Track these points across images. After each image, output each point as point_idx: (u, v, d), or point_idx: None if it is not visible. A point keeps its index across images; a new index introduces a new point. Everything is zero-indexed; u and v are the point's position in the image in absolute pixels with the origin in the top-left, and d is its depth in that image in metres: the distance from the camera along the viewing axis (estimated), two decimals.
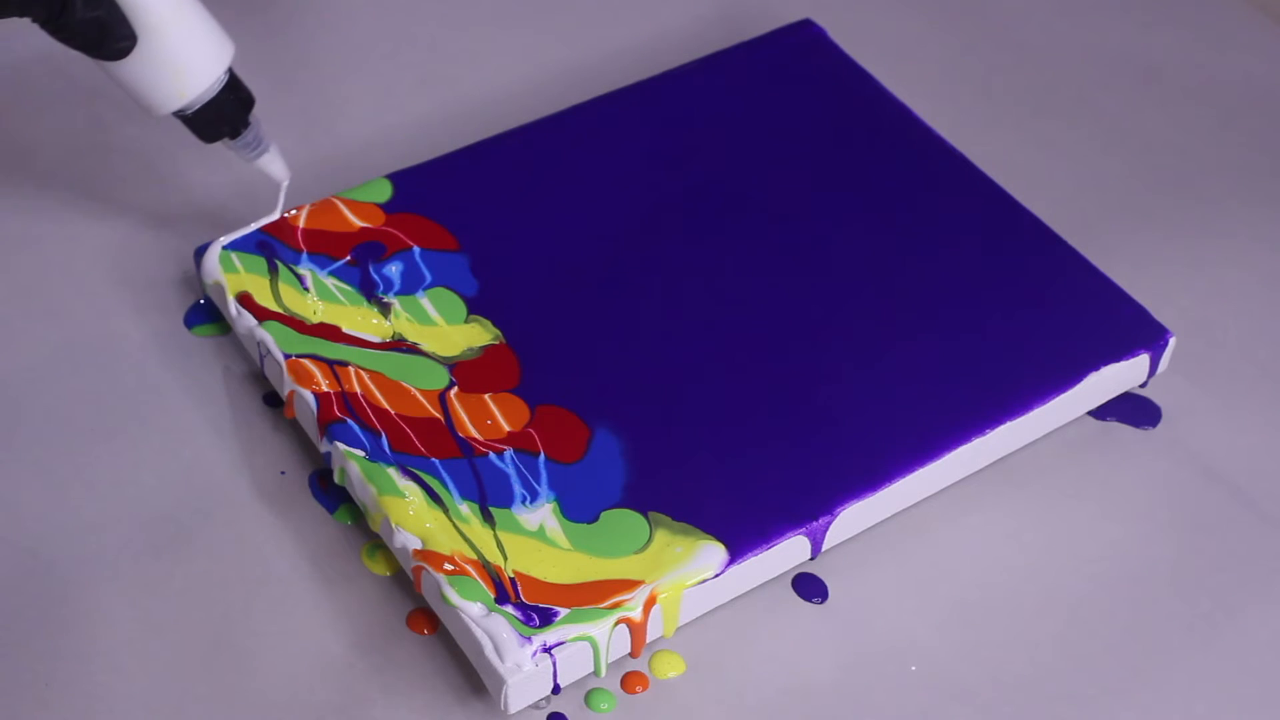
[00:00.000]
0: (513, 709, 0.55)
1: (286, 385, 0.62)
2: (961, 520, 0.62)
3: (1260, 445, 0.66)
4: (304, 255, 0.65)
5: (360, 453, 0.59)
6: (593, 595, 0.56)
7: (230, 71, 0.63)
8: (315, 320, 0.63)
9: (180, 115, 0.63)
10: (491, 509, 0.58)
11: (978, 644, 0.59)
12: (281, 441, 0.63)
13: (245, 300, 0.64)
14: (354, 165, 0.73)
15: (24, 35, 0.60)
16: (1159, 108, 0.79)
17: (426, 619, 0.59)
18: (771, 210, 0.68)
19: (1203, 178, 0.76)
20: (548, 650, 0.55)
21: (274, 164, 0.66)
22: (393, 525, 0.57)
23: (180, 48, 0.61)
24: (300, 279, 0.65)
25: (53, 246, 0.70)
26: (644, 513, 0.58)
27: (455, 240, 0.67)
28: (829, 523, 0.59)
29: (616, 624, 0.56)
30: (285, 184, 0.66)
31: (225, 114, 0.63)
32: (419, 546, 0.57)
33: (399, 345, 0.63)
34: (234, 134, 0.64)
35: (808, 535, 0.59)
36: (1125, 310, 0.65)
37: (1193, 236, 0.73)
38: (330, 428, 0.60)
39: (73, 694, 0.56)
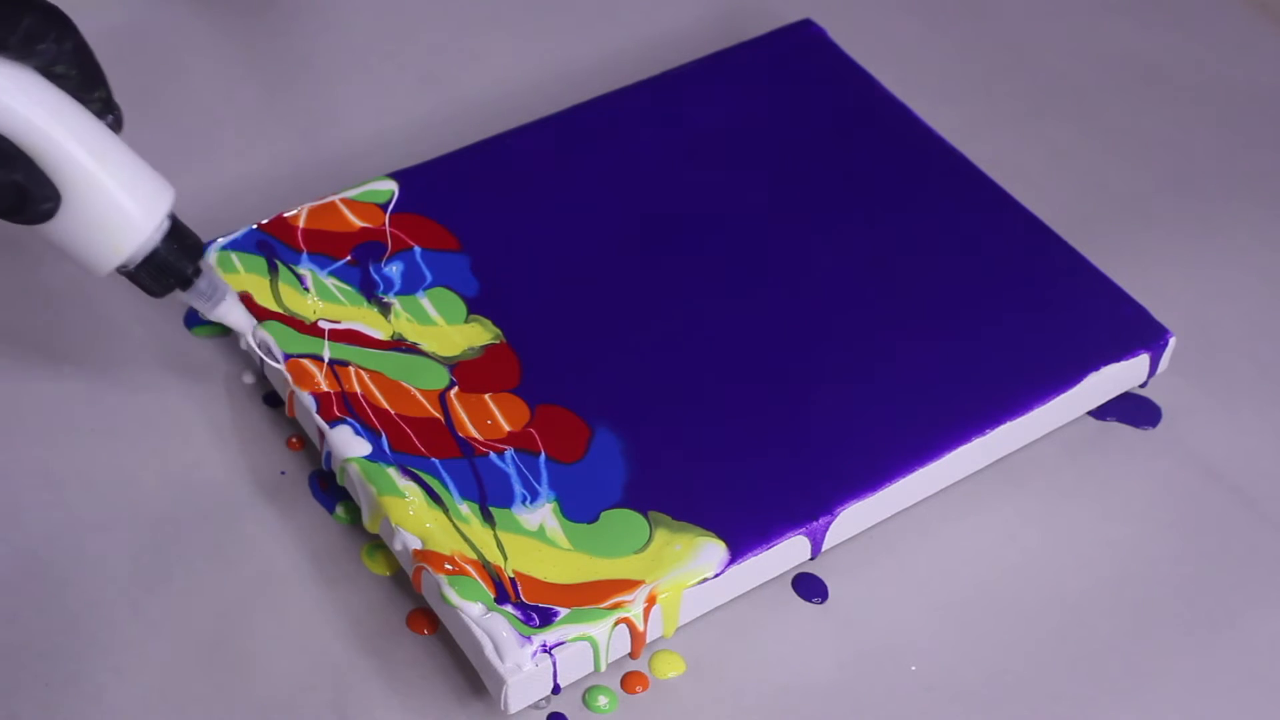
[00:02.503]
0: (513, 709, 0.55)
1: (287, 385, 0.62)
2: (961, 520, 0.62)
3: (1260, 445, 0.66)
4: (304, 255, 0.65)
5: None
6: (593, 595, 0.56)
7: (172, 218, 0.57)
8: (314, 320, 0.63)
9: (123, 272, 0.57)
10: (491, 509, 0.58)
11: (978, 644, 0.59)
12: (281, 441, 0.63)
13: (245, 300, 0.64)
14: (354, 165, 0.73)
15: None
16: (1159, 108, 0.79)
17: (426, 619, 0.59)
18: (771, 210, 0.68)
19: (1203, 178, 0.76)
20: (548, 650, 0.55)
21: (233, 312, 0.61)
22: (393, 525, 0.57)
23: (110, 202, 0.55)
24: (300, 279, 0.65)
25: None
26: (644, 512, 0.58)
27: (456, 240, 0.67)
28: (829, 523, 0.59)
29: (616, 624, 0.56)
30: (250, 333, 0.61)
31: (171, 266, 0.58)
32: (419, 546, 0.57)
33: (399, 345, 0.63)
34: (184, 285, 0.59)
35: (808, 535, 0.58)
36: (1125, 310, 0.65)
37: (1193, 236, 0.73)
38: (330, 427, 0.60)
39: (73, 694, 0.56)
